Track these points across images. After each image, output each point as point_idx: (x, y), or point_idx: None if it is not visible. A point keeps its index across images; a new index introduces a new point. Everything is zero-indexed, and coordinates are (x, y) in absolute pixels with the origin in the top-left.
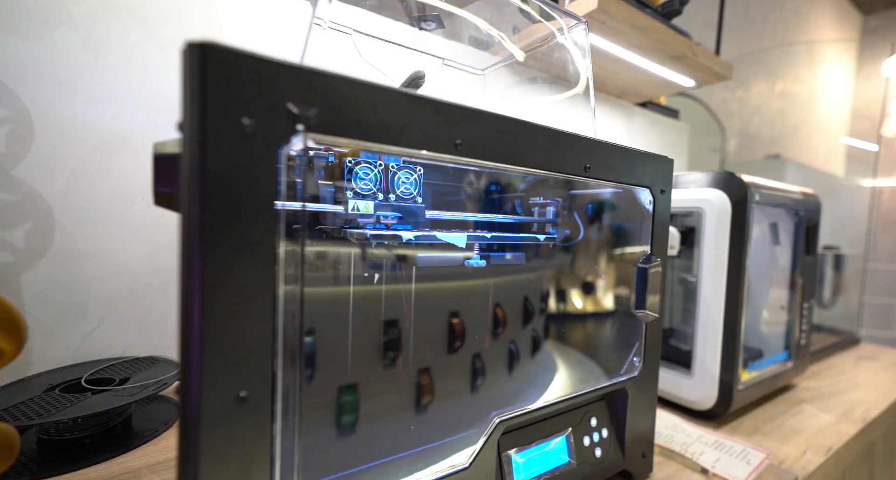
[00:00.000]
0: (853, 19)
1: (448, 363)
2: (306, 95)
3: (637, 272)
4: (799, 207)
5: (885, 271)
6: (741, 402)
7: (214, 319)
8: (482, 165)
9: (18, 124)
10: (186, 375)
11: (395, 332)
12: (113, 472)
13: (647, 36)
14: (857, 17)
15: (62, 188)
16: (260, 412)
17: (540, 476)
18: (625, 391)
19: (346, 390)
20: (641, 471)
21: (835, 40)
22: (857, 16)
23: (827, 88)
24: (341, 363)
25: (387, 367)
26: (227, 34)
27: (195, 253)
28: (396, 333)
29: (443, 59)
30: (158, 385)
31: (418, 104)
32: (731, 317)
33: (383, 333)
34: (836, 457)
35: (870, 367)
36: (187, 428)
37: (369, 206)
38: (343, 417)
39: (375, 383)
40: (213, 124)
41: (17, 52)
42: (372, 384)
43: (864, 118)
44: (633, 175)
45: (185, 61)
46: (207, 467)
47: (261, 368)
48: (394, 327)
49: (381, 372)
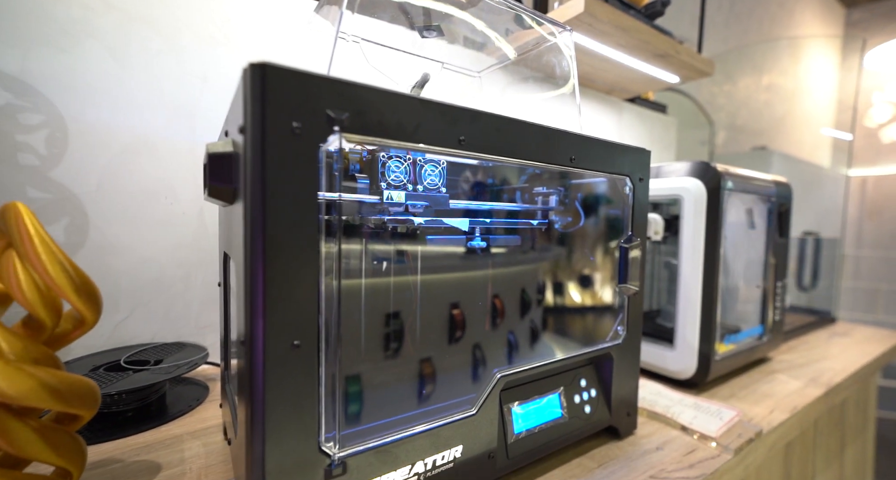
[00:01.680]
0: (836, 12)
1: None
2: (340, 102)
3: (619, 251)
4: (771, 193)
5: (870, 257)
6: (719, 372)
7: (274, 284)
8: (482, 157)
9: (55, 129)
10: (253, 327)
11: (410, 299)
12: (158, 438)
13: (632, 36)
14: (839, 10)
15: (94, 188)
16: (309, 357)
17: (536, 427)
18: (610, 356)
19: (374, 344)
20: (627, 428)
21: (819, 36)
22: (840, 9)
23: (812, 81)
24: (372, 321)
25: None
26: (239, 39)
27: (258, 231)
28: (411, 296)
29: (442, 62)
30: (190, 365)
31: (428, 107)
32: (708, 294)
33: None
34: (799, 415)
35: (842, 342)
36: (254, 369)
37: (401, 195)
38: (373, 369)
39: (403, 334)
40: (271, 127)
41: (51, 64)
42: (400, 336)
43: (849, 109)
44: (614, 165)
45: (246, 77)
46: (271, 399)
47: (309, 323)
48: (407, 292)
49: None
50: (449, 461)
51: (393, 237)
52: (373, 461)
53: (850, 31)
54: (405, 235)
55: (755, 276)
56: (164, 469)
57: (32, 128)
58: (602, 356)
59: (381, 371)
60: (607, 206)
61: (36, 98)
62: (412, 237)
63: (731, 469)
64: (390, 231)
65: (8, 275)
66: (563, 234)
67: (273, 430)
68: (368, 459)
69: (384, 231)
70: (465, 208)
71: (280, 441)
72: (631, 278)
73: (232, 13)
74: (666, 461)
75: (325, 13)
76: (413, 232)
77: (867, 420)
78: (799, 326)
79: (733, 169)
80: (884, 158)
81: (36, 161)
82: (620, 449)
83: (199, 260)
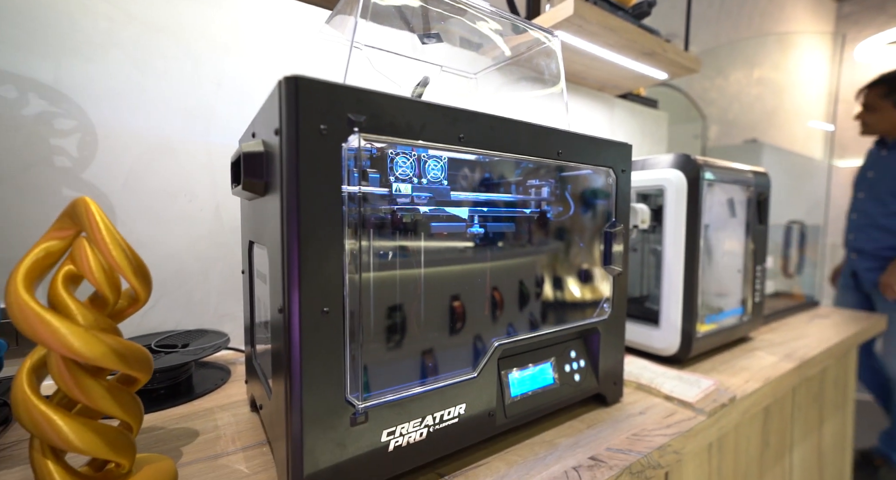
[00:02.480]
0: (827, 6)
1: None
2: (358, 107)
3: (604, 236)
4: (750, 183)
5: None
6: (700, 348)
7: (307, 261)
8: (479, 153)
9: (85, 133)
10: (290, 297)
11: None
12: (191, 411)
13: (620, 36)
14: (830, 3)
15: (120, 188)
16: (336, 321)
17: (531, 391)
18: (597, 330)
19: (392, 311)
20: (613, 396)
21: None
22: (831, 2)
23: (803, 74)
24: (389, 292)
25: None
26: (250, 46)
27: (293, 217)
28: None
29: (441, 65)
30: (215, 347)
31: (431, 109)
32: (689, 277)
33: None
34: (772, 384)
35: (821, 324)
36: (292, 331)
37: (408, 187)
38: (389, 333)
39: (413, 305)
40: (302, 129)
41: (81, 73)
42: (410, 306)
43: (841, 101)
44: (598, 158)
45: (281, 88)
46: (307, 356)
47: (336, 293)
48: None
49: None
50: (454, 416)
51: (401, 224)
52: (389, 413)
53: (841, 25)
54: (412, 222)
55: (736, 261)
56: (201, 434)
57: (66, 132)
58: (590, 330)
59: (396, 334)
60: (594, 196)
61: (68, 105)
62: (418, 225)
63: (706, 429)
64: (399, 219)
65: (81, 259)
66: (553, 222)
67: (308, 383)
68: (385, 411)
69: (394, 218)
70: (465, 198)
71: (314, 391)
72: (615, 260)
73: (240, 17)
74: (647, 422)
75: (337, 23)
76: (418, 220)
77: (846, 399)
78: (782, 309)
79: (712, 160)
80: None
81: (69, 163)
82: (608, 414)
83: (216, 254)
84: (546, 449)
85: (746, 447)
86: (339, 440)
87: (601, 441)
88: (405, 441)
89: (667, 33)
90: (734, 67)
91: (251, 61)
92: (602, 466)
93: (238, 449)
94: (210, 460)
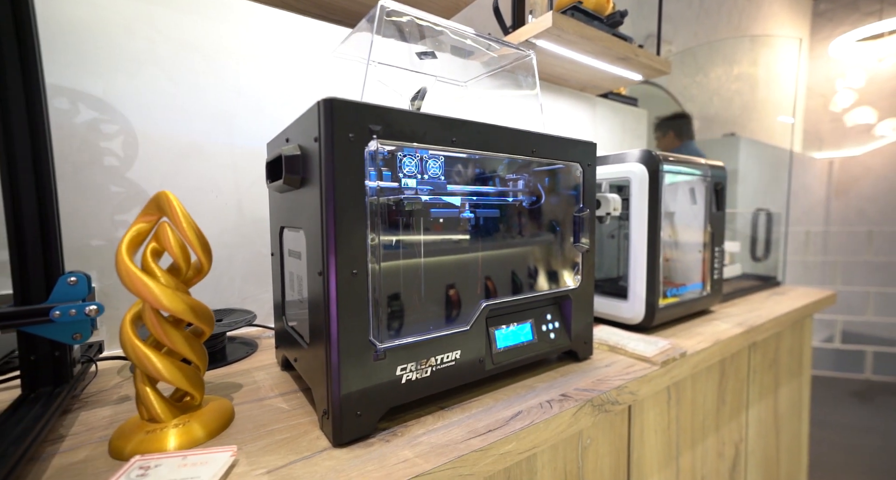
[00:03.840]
0: (803, 4)
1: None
2: (376, 119)
3: (574, 219)
4: (707, 174)
5: (838, 232)
6: (663, 318)
7: (341, 234)
8: (469, 152)
9: (128, 137)
10: (328, 262)
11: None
12: (230, 371)
13: (595, 43)
14: (806, 1)
15: (158, 185)
16: (362, 281)
17: (513, 345)
18: (569, 297)
19: (402, 275)
20: (584, 353)
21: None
22: (807, 0)
23: (778, 70)
24: (400, 261)
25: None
26: (263, 54)
27: (330, 204)
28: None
29: (435, 76)
30: (246, 321)
31: (431, 119)
32: (652, 255)
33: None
34: (720, 345)
35: (778, 299)
36: (329, 288)
37: (413, 182)
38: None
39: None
40: (337, 137)
41: (124, 86)
42: (416, 273)
43: (818, 96)
44: (567, 155)
45: (320, 107)
46: (341, 308)
47: (361, 259)
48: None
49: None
50: (452, 360)
51: (408, 210)
52: (402, 353)
53: (817, 22)
54: (416, 209)
55: (697, 243)
56: (244, 386)
57: (111, 136)
58: (563, 296)
59: (406, 292)
60: (566, 186)
61: (114, 114)
62: (421, 211)
63: (658, 377)
64: (407, 206)
65: (164, 237)
66: (531, 208)
67: (342, 327)
68: (399, 352)
69: (403, 206)
70: (458, 190)
71: (346, 333)
72: (583, 239)
73: (259, 38)
74: (610, 372)
75: (352, 41)
76: (421, 207)
77: (802, 367)
78: (746, 287)
79: (671, 155)
80: (849, 141)
81: (116, 162)
82: (579, 367)
83: (239, 243)
84: (526, 390)
85: (703, 401)
86: (365, 371)
87: (571, 384)
88: (414, 376)
89: (647, 33)
90: (714, 64)
91: (266, 73)
92: (570, 399)
93: (277, 395)
94: (256, 401)
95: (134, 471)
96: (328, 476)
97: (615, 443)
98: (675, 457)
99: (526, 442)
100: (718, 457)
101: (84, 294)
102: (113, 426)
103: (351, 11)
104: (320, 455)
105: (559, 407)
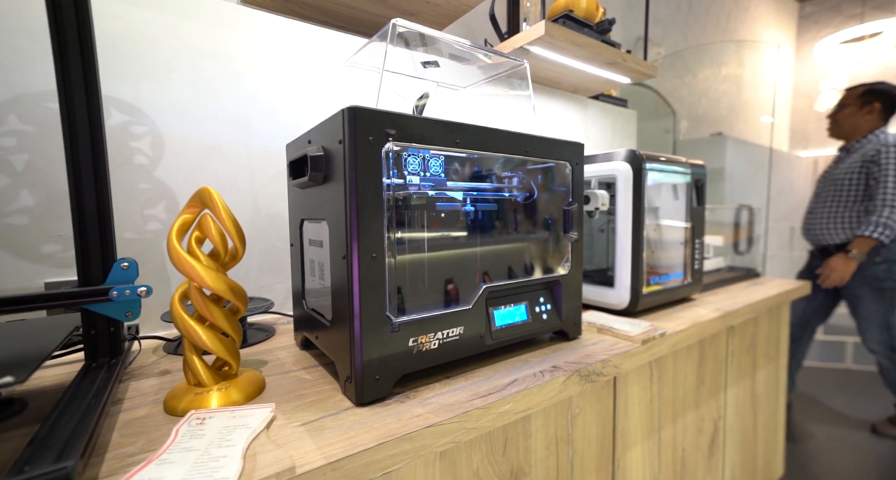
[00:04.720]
0: (790, 7)
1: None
2: (391, 124)
3: (564, 213)
4: (687, 171)
5: None
6: (647, 304)
7: (362, 223)
8: (471, 152)
9: (155, 137)
10: (351, 247)
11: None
12: (253, 351)
13: (585, 49)
14: (793, 4)
15: (182, 183)
16: (381, 263)
17: (509, 323)
18: (560, 282)
19: (413, 258)
20: (573, 333)
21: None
22: (793, 3)
23: (763, 72)
24: (411, 247)
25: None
26: (276, 58)
27: (353, 198)
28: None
29: (437, 82)
30: (265, 307)
31: (437, 123)
32: (636, 246)
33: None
34: (697, 326)
35: (755, 289)
36: (352, 270)
37: (417, 179)
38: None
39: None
40: (360, 140)
41: (151, 92)
42: (425, 257)
43: (804, 96)
44: (557, 155)
45: (344, 113)
46: (363, 286)
47: (379, 245)
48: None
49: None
50: (456, 334)
51: (418, 203)
52: (413, 327)
53: (803, 24)
54: (424, 202)
55: (679, 235)
56: (269, 363)
57: (140, 137)
58: (554, 282)
59: (416, 273)
60: (558, 183)
61: (142, 117)
62: (426, 206)
63: (639, 353)
64: (417, 199)
65: (207, 227)
66: (526, 203)
67: (364, 302)
68: (411, 325)
69: (413, 200)
70: (458, 186)
71: (367, 308)
72: (572, 230)
73: (273, 45)
74: (597, 349)
75: (363, 53)
76: (428, 201)
77: (779, 352)
78: (727, 278)
79: (654, 154)
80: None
81: (145, 161)
82: (568, 345)
83: (255, 236)
84: (522, 363)
85: (684, 380)
86: (382, 341)
87: (561, 358)
88: (424, 347)
89: (637, 36)
90: (702, 66)
91: (278, 79)
92: (559, 370)
93: (300, 368)
94: (282, 374)
95: (193, 421)
96: (354, 427)
97: (602, 414)
98: (657, 430)
99: (521, 404)
100: (698, 432)
101: (134, 277)
102: (161, 392)
103: (355, 19)
104: (345, 413)
105: (550, 376)
